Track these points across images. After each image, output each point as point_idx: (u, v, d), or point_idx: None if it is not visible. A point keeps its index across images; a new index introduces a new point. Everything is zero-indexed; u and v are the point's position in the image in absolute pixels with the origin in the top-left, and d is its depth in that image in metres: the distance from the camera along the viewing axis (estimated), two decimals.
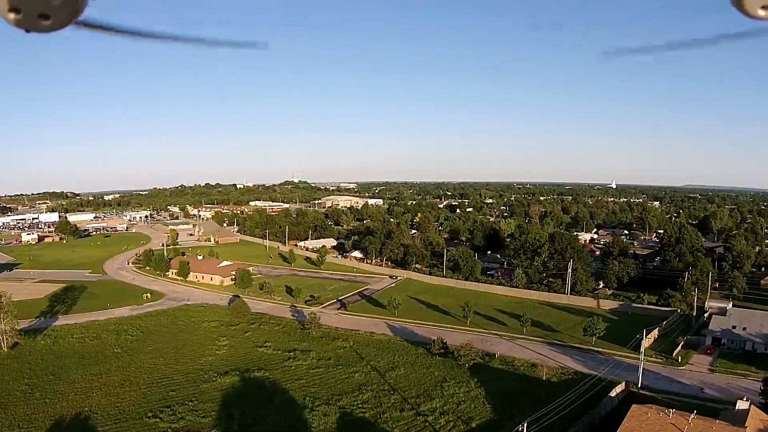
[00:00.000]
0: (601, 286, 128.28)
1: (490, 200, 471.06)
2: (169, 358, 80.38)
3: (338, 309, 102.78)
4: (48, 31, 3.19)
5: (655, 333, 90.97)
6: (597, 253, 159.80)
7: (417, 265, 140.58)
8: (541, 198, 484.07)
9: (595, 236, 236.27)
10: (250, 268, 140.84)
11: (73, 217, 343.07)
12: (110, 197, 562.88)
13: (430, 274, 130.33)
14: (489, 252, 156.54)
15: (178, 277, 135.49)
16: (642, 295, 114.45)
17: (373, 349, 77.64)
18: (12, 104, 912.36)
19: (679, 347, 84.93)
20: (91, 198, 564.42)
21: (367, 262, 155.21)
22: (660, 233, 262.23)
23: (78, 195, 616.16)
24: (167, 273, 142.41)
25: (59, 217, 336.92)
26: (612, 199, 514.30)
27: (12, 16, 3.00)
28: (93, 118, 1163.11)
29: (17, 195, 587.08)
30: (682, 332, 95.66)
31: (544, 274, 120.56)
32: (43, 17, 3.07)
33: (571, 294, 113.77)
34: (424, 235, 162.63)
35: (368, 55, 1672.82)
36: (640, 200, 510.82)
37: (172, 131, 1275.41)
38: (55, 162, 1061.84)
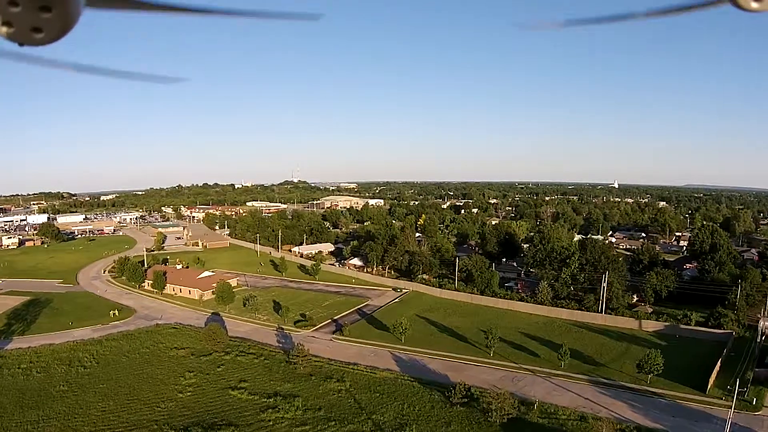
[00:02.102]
0: (634, 300, 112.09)
1: (494, 200, 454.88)
2: (121, 401, 64.29)
3: (333, 333, 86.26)
4: (41, 45, 3.06)
5: (717, 365, 74.90)
6: (620, 259, 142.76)
7: (424, 275, 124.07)
8: (546, 198, 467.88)
9: (613, 240, 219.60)
10: (235, 279, 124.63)
11: (62, 219, 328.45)
12: (108, 197, 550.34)
13: (440, 286, 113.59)
14: (504, 259, 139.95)
15: (154, 290, 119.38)
16: (689, 314, 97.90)
17: (375, 393, 61.11)
18: (11, 104, 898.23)
19: (749, 384, 68.93)
20: (87, 198, 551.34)
21: (367, 271, 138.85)
22: (678, 236, 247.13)
23: (74, 195, 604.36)
24: (143, 284, 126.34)
25: (47, 219, 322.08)
26: (618, 198, 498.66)
27: (4, 30, 2.91)
28: (94, 117, 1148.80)
29: (13, 195, 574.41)
30: (745, 361, 79.63)
31: (572, 288, 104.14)
32: (36, 31, 2.95)
33: (606, 312, 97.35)
34: (431, 241, 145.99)
35: (368, 55, 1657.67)
36: (645, 200, 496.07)
37: (172, 131, 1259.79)
38: (54, 162, 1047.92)
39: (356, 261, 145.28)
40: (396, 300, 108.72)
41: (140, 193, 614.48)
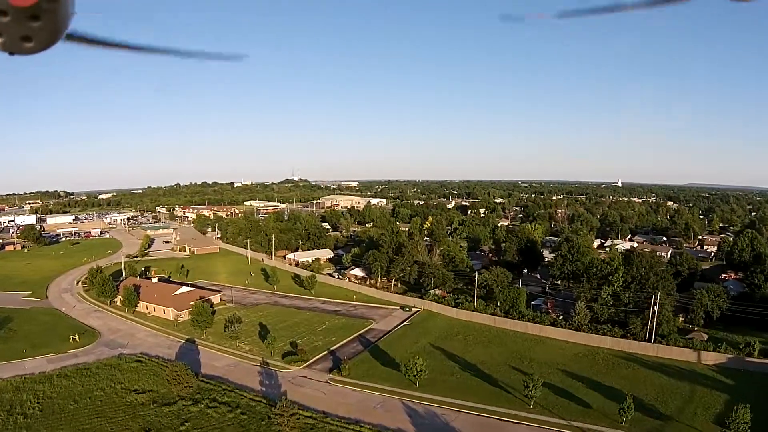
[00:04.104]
0: (680, 321, 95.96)
1: (500, 200, 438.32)
2: None
3: (329, 371, 69.96)
4: (32, 53, 3.10)
5: None
6: (670, 276, 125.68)
7: (436, 291, 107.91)
8: (554, 198, 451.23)
9: (635, 245, 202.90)
10: (218, 295, 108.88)
11: (52, 220, 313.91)
12: (105, 196, 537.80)
13: (456, 305, 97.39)
14: (526, 270, 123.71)
15: (125, 307, 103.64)
16: (752, 342, 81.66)
17: None
18: (11, 103, 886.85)
19: None
20: (83, 198, 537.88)
21: (370, 283, 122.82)
22: (701, 239, 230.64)
23: (72, 194, 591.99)
24: (115, 300, 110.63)
25: (36, 220, 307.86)
26: (624, 198, 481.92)
27: None
28: (95, 116, 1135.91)
29: (9, 195, 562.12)
30: None
31: (612, 309, 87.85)
32: (26, 40, 2.99)
33: (656, 340, 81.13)
34: (443, 248, 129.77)
35: (370, 53, 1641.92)
36: (653, 200, 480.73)
37: (173, 129, 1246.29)
38: (55, 161, 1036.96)
39: (358, 272, 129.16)
40: (405, 323, 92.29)
41: (138, 191, 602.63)
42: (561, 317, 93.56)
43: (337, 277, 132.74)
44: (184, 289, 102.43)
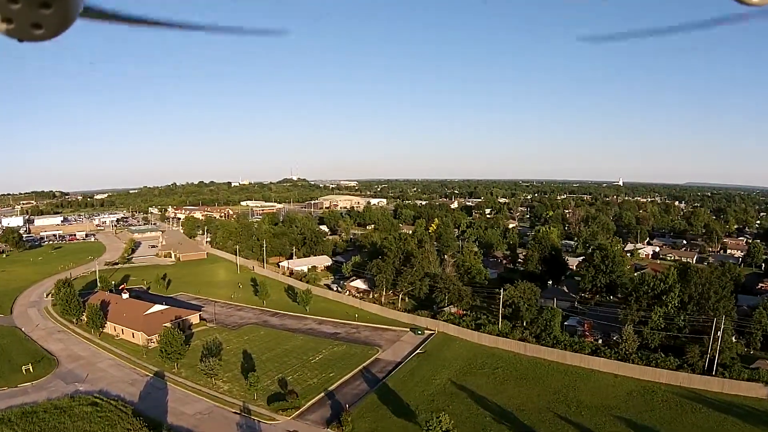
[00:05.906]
0: (741, 346, 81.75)
1: (503, 199, 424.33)
2: None
3: (327, 423, 55.44)
4: (41, 40, 3.06)
5: None
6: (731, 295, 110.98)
7: (452, 309, 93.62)
8: (558, 198, 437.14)
9: (657, 249, 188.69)
10: (197, 314, 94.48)
11: (39, 221, 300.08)
12: (101, 196, 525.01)
13: (477, 327, 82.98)
14: (551, 282, 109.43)
15: (90, 329, 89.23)
16: None
17: None
18: (10, 103, 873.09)
19: None
20: (78, 198, 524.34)
21: (374, 297, 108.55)
22: (725, 242, 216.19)
23: (67, 194, 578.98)
24: (81, 318, 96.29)
25: (24, 221, 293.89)
26: (627, 197, 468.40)
27: (4, 26, 2.90)
28: (93, 116, 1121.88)
29: (4, 195, 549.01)
30: None
31: (664, 334, 73.62)
32: (36, 27, 2.95)
33: (718, 372, 66.89)
34: (457, 258, 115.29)
35: (370, 52, 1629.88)
36: (657, 199, 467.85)
37: (171, 129, 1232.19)
38: (52, 161, 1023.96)
39: (359, 284, 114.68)
40: (419, 351, 77.52)
41: (135, 191, 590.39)
42: (600, 341, 79.58)
43: (335, 289, 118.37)
44: (158, 307, 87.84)
